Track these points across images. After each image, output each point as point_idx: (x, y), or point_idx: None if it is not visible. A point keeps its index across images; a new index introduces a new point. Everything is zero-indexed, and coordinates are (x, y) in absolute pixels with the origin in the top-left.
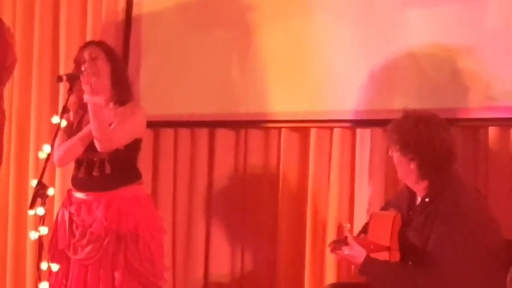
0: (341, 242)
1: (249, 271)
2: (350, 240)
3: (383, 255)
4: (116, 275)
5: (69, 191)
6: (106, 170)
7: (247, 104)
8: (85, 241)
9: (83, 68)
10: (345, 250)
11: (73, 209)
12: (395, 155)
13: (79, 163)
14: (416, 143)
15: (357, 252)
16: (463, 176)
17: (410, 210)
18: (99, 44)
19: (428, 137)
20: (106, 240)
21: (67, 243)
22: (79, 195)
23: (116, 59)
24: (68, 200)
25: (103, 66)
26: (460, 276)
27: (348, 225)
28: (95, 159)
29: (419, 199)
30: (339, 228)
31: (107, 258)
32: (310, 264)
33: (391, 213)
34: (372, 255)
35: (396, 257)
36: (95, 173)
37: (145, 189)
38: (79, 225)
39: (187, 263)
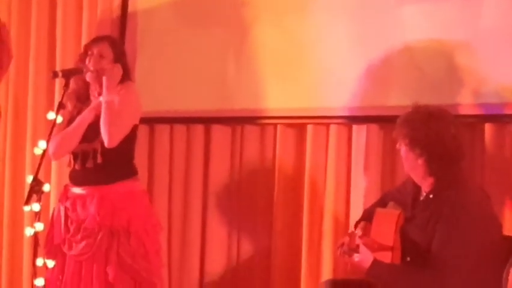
0: (352, 250)
1: (244, 267)
2: (361, 248)
3: (386, 255)
4: (109, 270)
5: (66, 186)
6: (97, 160)
7: (242, 100)
8: (79, 237)
9: (87, 61)
10: (356, 257)
11: (68, 204)
12: (403, 149)
13: (75, 156)
14: (425, 139)
15: (365, 257)
16: (469, 174)
17: (413, 205)
18: (111, 43)
19: (438, 134)
20: (99, 236)
21: (62, 239)
22: (75, 190)
23: (123, 60)
24: (64, 195)
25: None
26: (464, 277)
27: (360, 231)
28: (89, 150)
29: (423, 194)
30: (351, 236)
31: (100, 253)
32: (307, 259)
33: (395, 211)
34: (376, 254)
35: (398, 255)
36: (88, 165)
37: (140, 185)
38: (73, 220)
39: (183, 259)
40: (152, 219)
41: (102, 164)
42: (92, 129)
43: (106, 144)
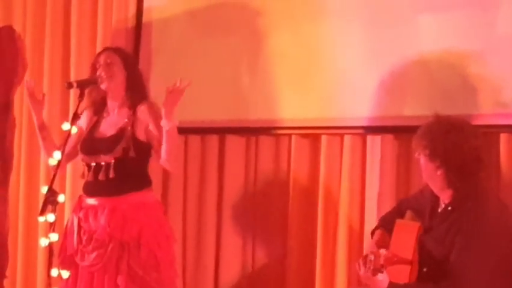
0: (376, 270)
1: (259, 277)
2: (384, 269)
3: (405, 268)
4: (120, 281)
5: (80, 196)
6: (110, 175)
7: (257, 111)
8: (90, 247)
9: (98, 73)
10: (380, 277)
11: (81, 214)
12: (422, 159)
13: (88, 167)
14: (445, 151)
15: (383, 279)
16: (488, 185)
17: (431, 216)
18: (116, 50)
19: (458, 147)
20: (110, 247)
21: (75, 249)
22: (89, 200)
23: (132, 65)
24: (78, 206)
25: (118, 71)
26: None
27: (384, 251)
28: (102, 163)
29: (442, 205)
30: (376, 255)
31: (111, 264)
32: (321, 269)
33: (415, 223)
34: (395, 267)
35: (417, 269)
36: (100, 177)
37: (153, 196)
38: (86, 231)
39: (198, 269)
40: (165, 230)
41: (114, 177)
42: (109, 142)
43: (170, 171)
